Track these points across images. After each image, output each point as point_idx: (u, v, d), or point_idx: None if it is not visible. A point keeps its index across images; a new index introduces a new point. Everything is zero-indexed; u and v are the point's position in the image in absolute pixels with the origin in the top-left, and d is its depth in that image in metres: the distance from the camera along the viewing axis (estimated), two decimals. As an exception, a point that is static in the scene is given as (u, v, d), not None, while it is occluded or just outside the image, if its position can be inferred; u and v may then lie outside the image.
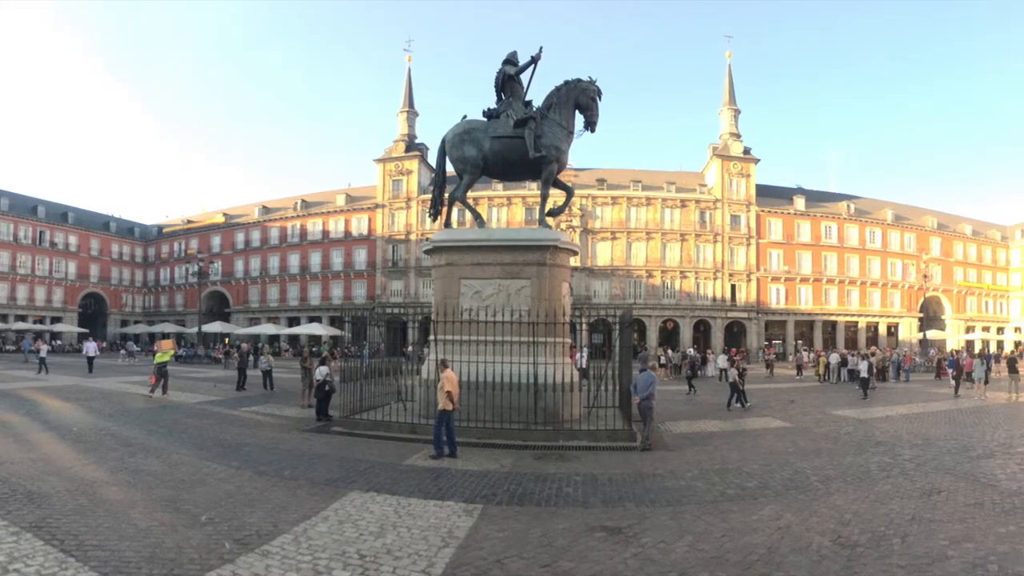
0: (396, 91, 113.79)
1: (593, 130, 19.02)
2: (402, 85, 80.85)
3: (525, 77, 19.72)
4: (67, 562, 7.04)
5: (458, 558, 7.61)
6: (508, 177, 21.78)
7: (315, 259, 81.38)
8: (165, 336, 67.63)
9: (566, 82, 19.13)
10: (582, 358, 26.76)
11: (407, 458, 13.84)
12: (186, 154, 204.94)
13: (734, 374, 25.06)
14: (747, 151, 75.57)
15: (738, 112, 77.77)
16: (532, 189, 64.46)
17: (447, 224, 20.85)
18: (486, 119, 19.67)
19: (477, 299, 17.91)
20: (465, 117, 20.13)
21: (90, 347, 40.26)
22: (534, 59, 19.23)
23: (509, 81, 19.65)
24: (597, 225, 73.48)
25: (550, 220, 19.73)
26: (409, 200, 76.28)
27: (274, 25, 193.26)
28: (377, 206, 77.80)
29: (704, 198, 74.55)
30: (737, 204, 74.50)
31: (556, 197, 21.02)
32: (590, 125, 18.95)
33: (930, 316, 77.22)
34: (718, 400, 26.04)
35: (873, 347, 54.37)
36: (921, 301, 71.69)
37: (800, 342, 70.54)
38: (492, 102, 20.07)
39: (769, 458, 14.40)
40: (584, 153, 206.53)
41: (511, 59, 19.79)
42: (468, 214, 21.98)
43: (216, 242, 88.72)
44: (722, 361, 39.72)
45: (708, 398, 28.27)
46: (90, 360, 38.28)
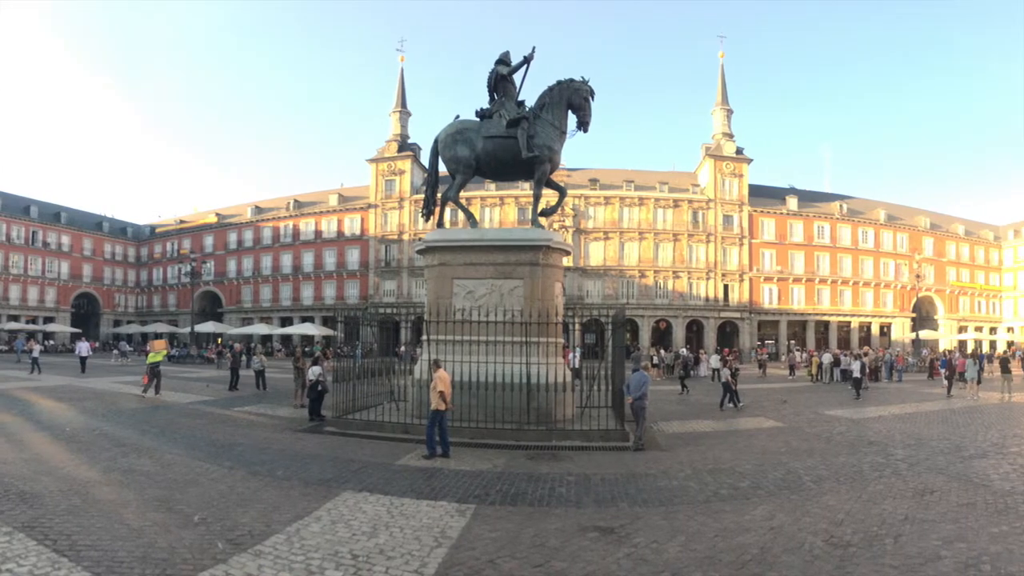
0: (389, 91, 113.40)
1: (586, 130, 19.00)
2: (395, 85, 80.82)
3: (518, 77, 19.68)
4: (60, 562, 7.04)
5: (451, 558, 7.62)
6: (501, 177, 21.76)
7: (308, 259, 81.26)
8: (158, 336, 67.30)
9: (559, 82, 19.10)
10: (575, 358, 26.82)
11: (400, 458, 13.84)
12: (179, 154, 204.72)
13: (727, 374, 25.09)
14: (740, 151, 75.76)
15: (731, 112, 77.91)
16: (525, 189, 64.38)
17: (440, 224, 20.83)
18: (479, 119, 19.63)
19: (470, 299, 17.91)
20: (458, 117, 20.10)
21: (83, 347, 40.25)
22: (527, 59, 19.23)
23: (502, 81, 19.60)
24: (590, 225, 73.56)
25: (543, 220, 19.75)
26: (402, 200, 76.21)
27: (267, 25, 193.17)
28: (370, 206, 77.74)
29: (697, 198, 74.67)
30: (730, 204, 74.64)
31: (549, 197, 21.05)
32: (583, 125, 18.92)
33: (923, 316, 77.57)
34: (711, 400, 26.12)
35: (866, 347, 54.50)
36: (914, 301, 72.00)
37: (793, 342, 70.61)
38: (485, 102, 20.01)
39: (762, 458, 14.43)
40: (577, 153, 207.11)
41: (504, 59, 19.74)
42: (461, 214, 21.97)
43: (209, 242, 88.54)
44: (715, 361, 39.86)
45: (701, 398, 28.35)
46: (83, 360, 38.26)
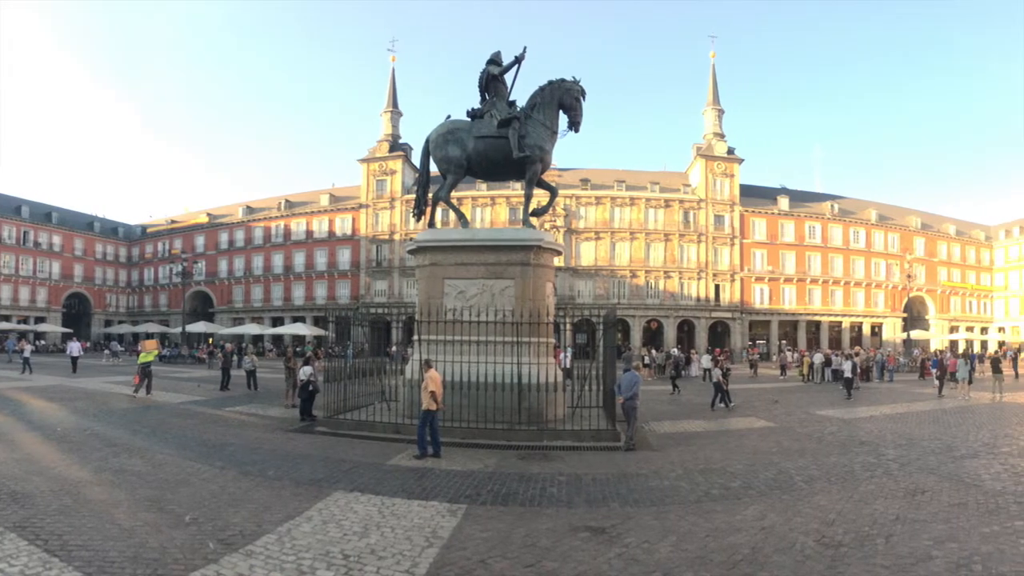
0: (380, 91, 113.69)
1: (577, 130, 19.00)
2: (386, 85, 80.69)
3: (509, 77, 19.68)
4: (51, 562, 7.04)
5: (442, 558, 7.63)
6: (492, 177, 21.77)
7: (299, 259, 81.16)
8: (149, 336, 67.12)
9: (550, 82, 19.11)
10: (566, 358, 26.84)
11: (391, 458, 13.85)
12: (171, 154, 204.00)
13: (718, 374, 25.12)
14: (731, 151, 75.92)
15: (722, 112, 78.07)
16: (516, 189, 64.46)
17: (431, 224, 20.88)
18: (470, 119, 19.63)
19: (461, 299, 17.93)
20: (449, 117, 20.08)
21: (74, 347, 40.06)
22: (518, 59, 19.22)
23: (493, 81, 19.60)
24: (581, 225, 73.63)
25: (534, 220, 19.75)
26: (393, 200, 76.14)
27: (260, 25, 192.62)
28: (361, 206, 77.66)
29: (688, 198, 74.82)
30: (721, 204, 74.82)
31: (540, 197, 21.05)
32: (574, 125, 18.92)
33: (914, 316, 77.78)
34: (702, 400, 26.18)
35: (857, 347, 54.70)
36: (905, 301, 72.23)
37: (784, 342, 70.70)
38: (476, 102, 20.04)
39: (753, 458, 14.46)
40: (568, 153, 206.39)
41: (495, 59, 19.73)
42: (452, 214, 22.01)
43: (200, 242, 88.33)
44: (706, 361, 39.87)
45: (692, 398, 28.40)
46: (74, 360, 38.08)
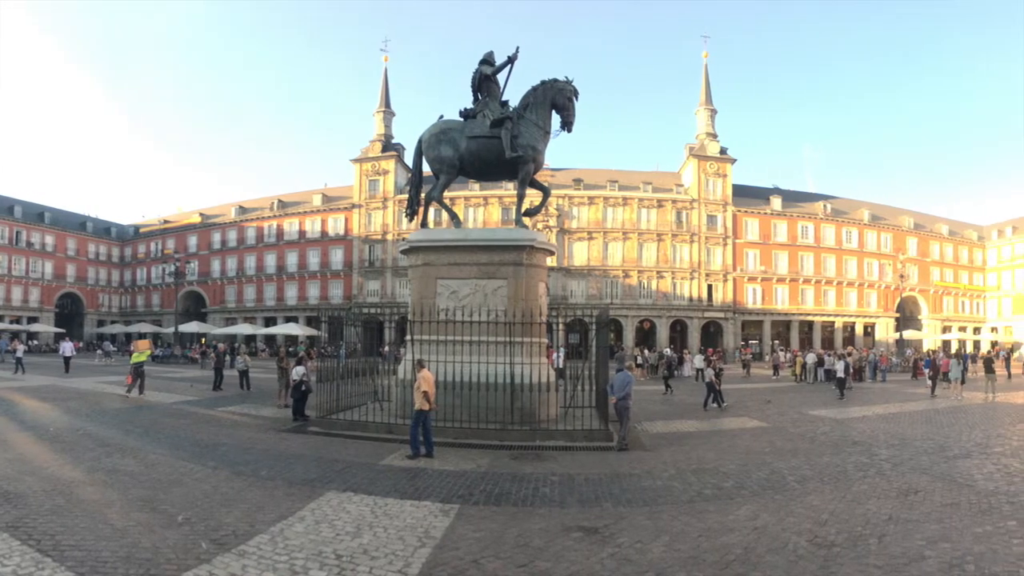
0: (373, 91, 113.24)
1: (570, 130, 18.98)
2: (379, 85, 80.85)
3: (502, 77, 19.67)
4: (44, 562, 7.05)
5: (435, 558, 7.64)
6: (485, 177, 21.74)
7: (292, 259, 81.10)
8: (142, 336, 66.89)
9: (543, 82, 19.09)
10: (559, 358, 26.83)
11: (384, 458, 13.86)
12: (163, 154, 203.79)
13: (711, 374, 25.20)
14: (724, 151, 76.07)
15: (715, 112, 78.23)
16: (508, 189, 64.56)
17: (424, 224, 20.82)
18: (463, 119, 19.60)
19: (454, 299, 17.92)
20: (442, 117, 20.06)
21: (67, 347, 39.96)
22: (511, 59, 19.20)
23: (486, 81, 19.59)
24: (574, 225, 73.72)
25: (527, 220, 19.73)
26: (386, 200, 76.15)
27: (252, 25, 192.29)
28: (354, 206, 77.64)
29: (681, 198, 74.95)
30: (714, 204, 74.95)
31: (533, 197, 21.13)
32: (567, 125, 18.89)
33: (907, 316, 77.94)
34: (695, 400, 26.18)
35: (850, 347, 54.85)
36: (898, 301, 72.30)
37: (777, 342, 70.83)
38: (469, 102, 20.02)
39: (746, 458, 14.49)
40: (561, 153, 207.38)
41: (488, 59, 19.72)
42: (445, 214, 21.96)
43: (193, 242, 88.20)
44: (699, 361, 39.99)
45: (685, 398, 28.42)
46: (67, 360, 37.96)
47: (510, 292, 17.77)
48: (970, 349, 73.37)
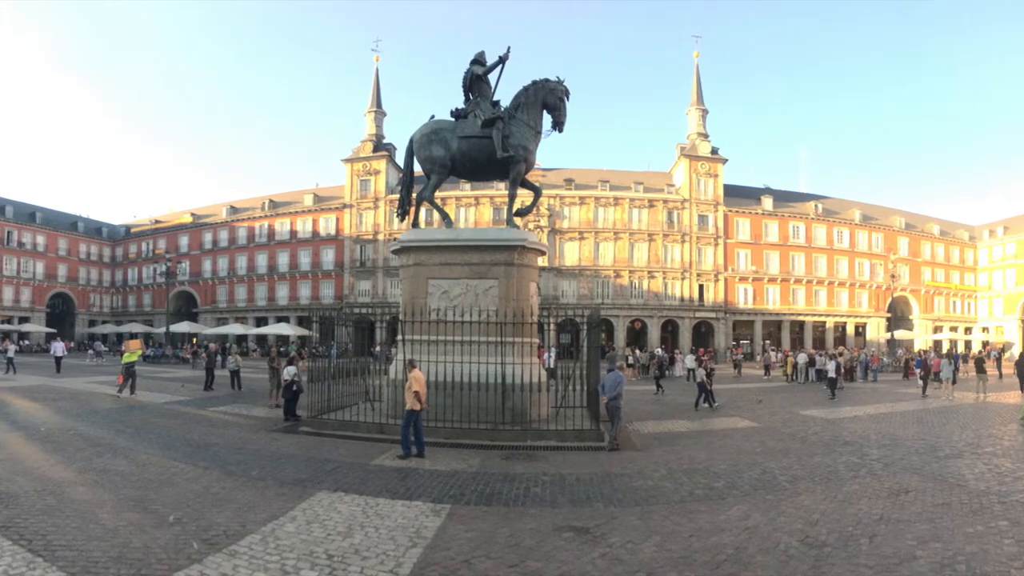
0: (364, 91, 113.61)
1: (561, 130, 19.03)
2: (370, 85, 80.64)
3: (493, 77, 19.73)
4: (35, 562, 7.05)
5: (426, 558, 7.66)
6: (476, 177, 21.78)
7: (283, 259, 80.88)
8: (133, 336, 66.68)
9: (534, 82, 19.13)
10: (550, 358, 26.92)
11: (375, 458, 13.86)
12: (154, 154, 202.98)
13: (702, 374, 25.22)
14: (715, 151, 76.19)
15: (706, 112, 78.33)
16: (500, 189, 64.54)
17: (415, 224, 20.84)
18: (454, 119, 19.65)
19: (445, 299, 17.94)
20: (433, 117, 20.12)
21: (58, 347, 40.01)
22: (502, 59, 19.28)
23: (477, 81, 19.63)
24: (565, 225, 73.73)
25: (518, 220, 19.80)
26: (377, 200, 76.04)
27: (243, 24, 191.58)
28: (345, 206, 77.50)
29: (672, 198, 75.04)
30: (705, 204, 75.06)
31: (524, 197, 21.09)
32: (558, 125, 18.94)
33: (898, 316, 78.29)
34: (686, 400, 26.24)
35: (841, 347, 54.89)
36: (889, 301, 72.58)
37: (768, 342, 71.13)
38: (460, 102, 20.08)
39: (737, 458, 14.53)
40: (552, 153, 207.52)
41: (479, 59, 19.77)
42: (436, 214, 22.01)
43: (184, 242, 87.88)
44: (690, 361, 40.01)
45: (676, 398, 28.49)
46: (58, 360, 38.03)
47: (501, 292, 17.81)
48: (961, 349, 73.58)
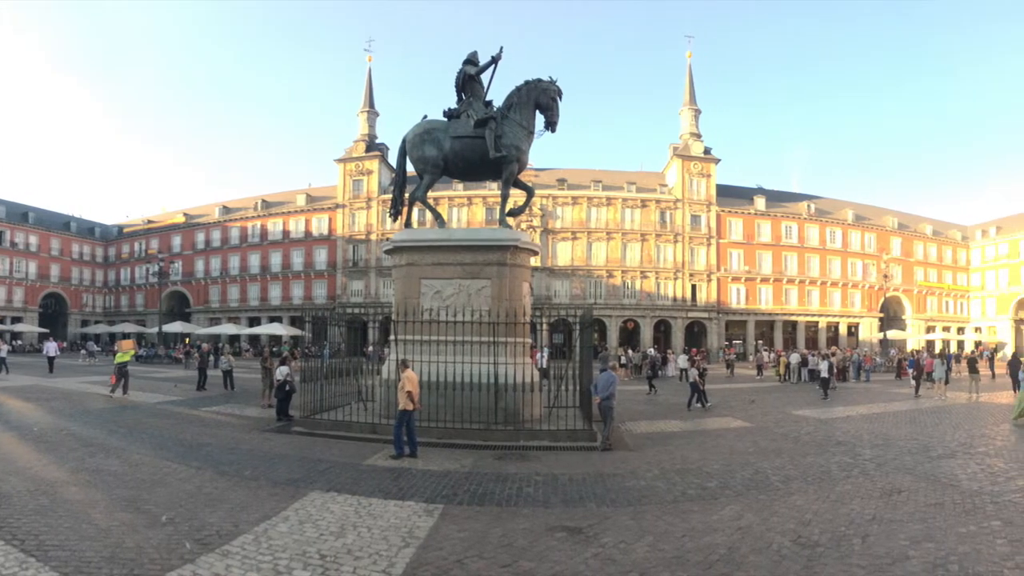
0: (357, 91, 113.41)
1: (554, 130, 19.06)
2: (363, 85, 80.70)
3: (486, 77, 19.73)
4: (27, 562, 7.05)
5: (418, 558, 7.67)
6: (469, 177, 21.77)
7: (276, 259, 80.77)
8: (126, 336, 66.63)
9: (527, 82, 19.16)
10: (543, 358, 26.89)
11: (368, 458, 13.87)
12: (147, 154, 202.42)
13: (695, 374, 25.29)
14: (708, 151, 76.23)
15: (699, 112, 78.46)
16: (492, 189, 64.45)
17: (408, 224, 20.85)
18: (447, 119, 19.66)
19: (438, 299, 17.95)
20: (426, 117, 20.08)
21: (50, 347, 39.87)
22: (495, 59, 19.25)
23: (470, 81, 19.65)
24: (558, 225, 73.74)
25: (511, 220, 19.78)
26: (370, 200, 76.03)
27: (237, 24, 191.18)
28: (338, 206, 77.44)
29: (665, 198, 75.12)
30: (697, 204, 75.14)
31: (516, 197, 21.12)
32: (550, 125, 18.98)
33: (890, 316, 78.33)
34: (679, 400, 26.26)
35: (833, 347, 54.97)
36: (881, 301, 72.53)
37: (760, 342, 71.26)
38: (453, 102, 20.10)
39: (730, 458, 14.56)
40: (545, 153, 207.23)
41: (472, 59, 19.79)
42: (429, 214, 21.97)
43: (177, 242, 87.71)
44: (683, 361, 39.97)
45: (669, 398, 28.50)
46: (50, 360, 37.88)
47: (494, 292, 17.84)
48: (954, 349, 73.92)
